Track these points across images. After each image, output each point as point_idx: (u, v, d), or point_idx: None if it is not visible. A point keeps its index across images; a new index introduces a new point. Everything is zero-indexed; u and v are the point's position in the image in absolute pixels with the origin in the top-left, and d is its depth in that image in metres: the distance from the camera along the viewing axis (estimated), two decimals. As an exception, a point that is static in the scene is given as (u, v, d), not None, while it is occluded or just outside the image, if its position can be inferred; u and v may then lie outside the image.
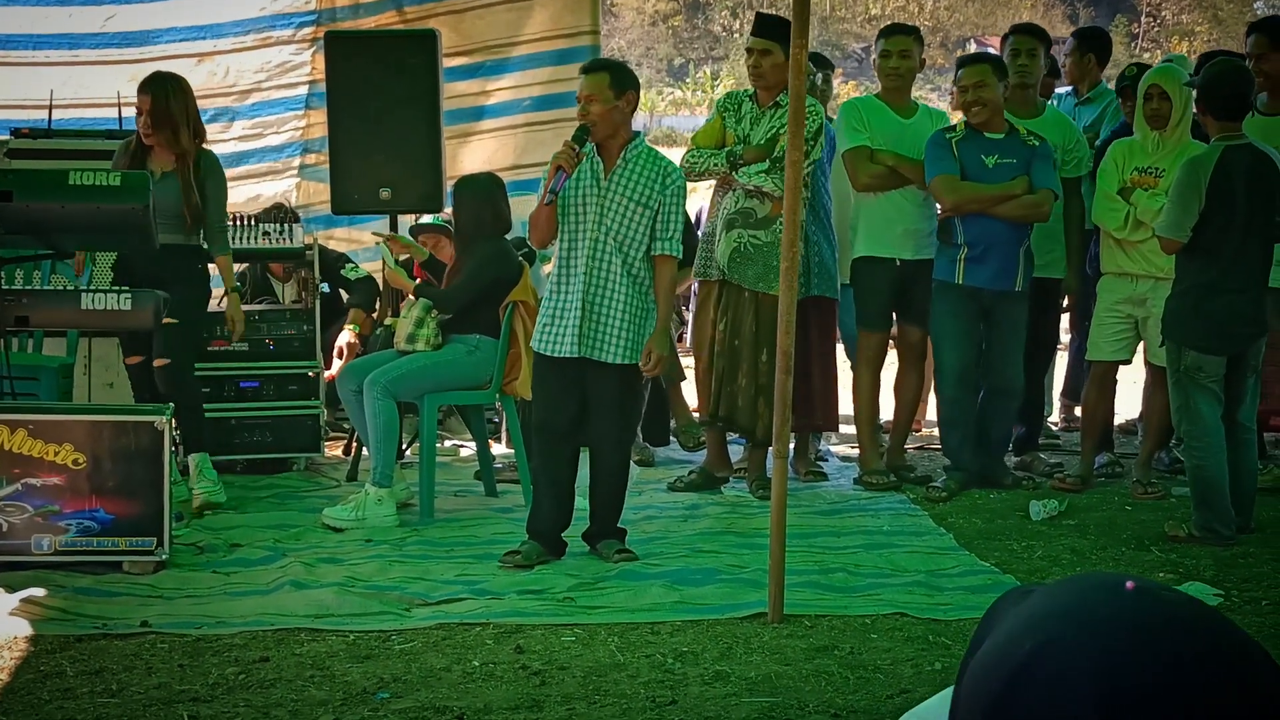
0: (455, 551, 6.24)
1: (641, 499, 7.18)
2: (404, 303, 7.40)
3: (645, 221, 5.96)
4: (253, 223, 8.07)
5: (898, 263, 7.57)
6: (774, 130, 7.10)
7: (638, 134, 6.08)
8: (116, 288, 6.04)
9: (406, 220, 8.50)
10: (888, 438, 8.37)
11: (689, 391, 8.42)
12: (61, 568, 5.70)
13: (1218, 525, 6.36)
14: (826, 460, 8.26)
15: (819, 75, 8.33)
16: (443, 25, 9.12)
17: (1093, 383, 7.71)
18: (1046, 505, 6.92)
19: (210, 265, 7.19)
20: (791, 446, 6.99)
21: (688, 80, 46.94)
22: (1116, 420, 8.36)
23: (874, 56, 7.94)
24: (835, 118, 7.88)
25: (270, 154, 9.87)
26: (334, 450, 8.38)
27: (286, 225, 8.04)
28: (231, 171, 9.56)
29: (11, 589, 5.42)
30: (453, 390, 7.11)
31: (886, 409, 8.24)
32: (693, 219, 8.65)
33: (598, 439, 6.06)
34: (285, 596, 5.47)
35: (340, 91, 8.18)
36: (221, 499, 6.95)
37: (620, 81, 5.97)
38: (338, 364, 8.08)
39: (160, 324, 6.15)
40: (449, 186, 8.05)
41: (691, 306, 8.38)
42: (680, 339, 9.02)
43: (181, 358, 6.94)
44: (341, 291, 8.69)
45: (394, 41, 8.58)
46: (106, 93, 8.57)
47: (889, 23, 8.65)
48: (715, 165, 7.19)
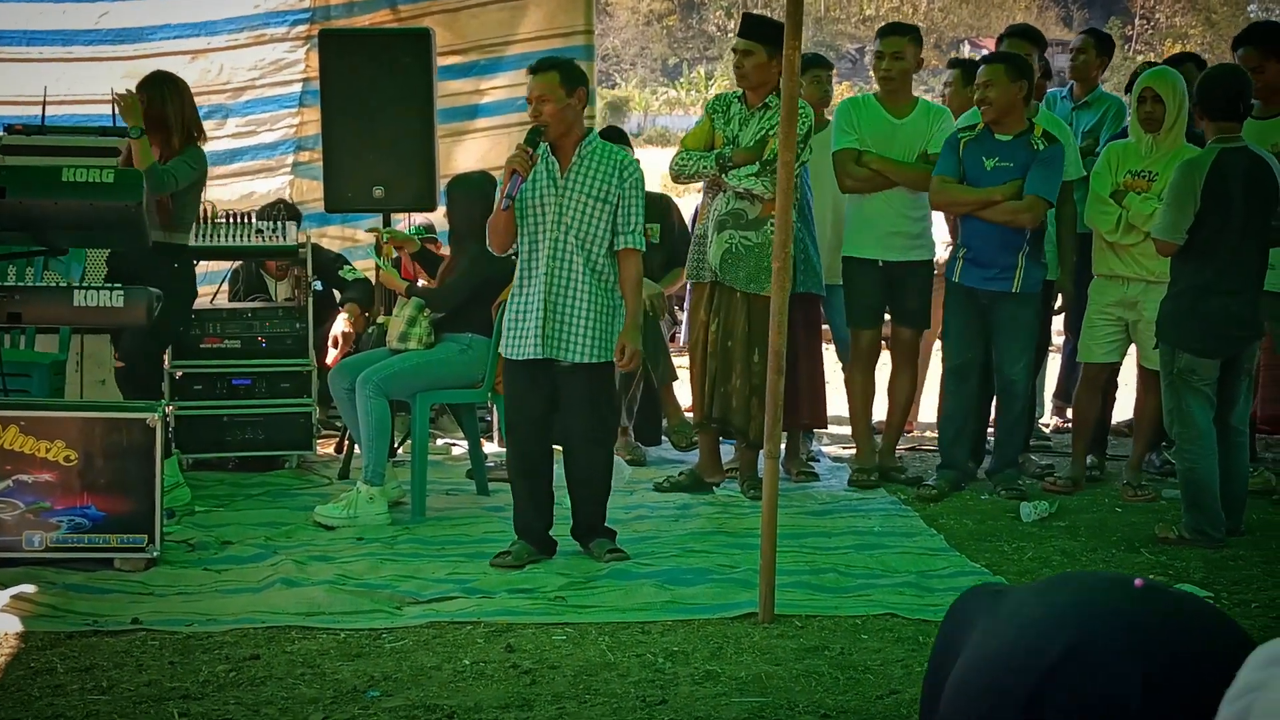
0: (446, 550, 6.24)
1: (633, 498, 7.19)
2: (396, 301, 7.40)
3: (606, 217, 5.92)
4: (247, 220, 8.06)
5: (880, 263, 7.58)
6: (763, 131, 7.10)
7: (590, 130, 6.02)
8: (109, 284, 6.03)
9: (398, 219, 8.50)
10: (880, 438, 8.40)
11: (681, 392, 8.42)
12: (53, 564, 5.70)
13: (1208, 527, 6.37)
14: (818, 461, 8.26)
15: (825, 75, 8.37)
16: (437, 24, 9.12)
17: (1083, 385, 7.73)
18: (1037, 507, 6.93)
19: (197, 264, 7.22)
20: (783, 447, 6.99)
21: (682, 80, 46.93)
22: (1113, 421, 8.37)
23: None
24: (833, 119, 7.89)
25: (264, 151, 9.86)
26: (326, 448, 8.37)
27: (280, 223, 8.03)
28: (225, 169, 9.58)
29: (2, 585, 5.43)
30: (445, 389, 7.11)
31: (881, 409, 8.26)
32: (687, 221, 8.64)
33: (569, 438, 6.03)
34: (276, 594, 5.47)
35: (334, 89, 8.17)
36: (185, 498, 6.91)
37: (570, 79, 5.92)
38: (333, 353, 8.09)
39: (151, 322, 6.15)
40: (442, 185, 8.05)
41: (686, 306, 8.37)
42: (673, 339, 9.02)
43: (144, 363, 6.97)
44: (335, 291, 8.69)
45: (388, 40, 8.58)
46: (100, 89, 8.55)
47: (885, 23, 8.62)
48: (704, 167, 7.18)
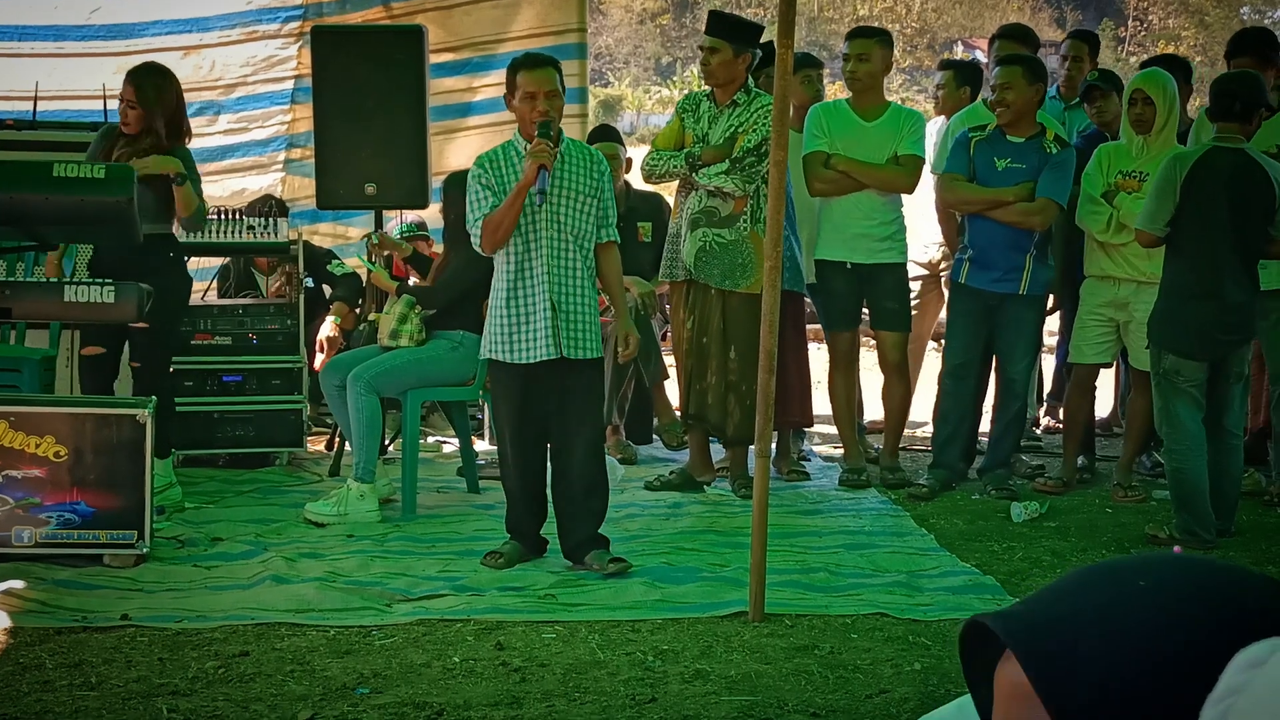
0: (437, 548, 6.24)
1: (624, 497, 7.18)
2: (387, 299, 7.39)
3: (594, 211, 5.89)
4: (238, 216, 8.05)
5: (848, 265, 7.59)
6: (732, 129, 7.09)
7: (560, 128, 6.00)
8: (100, 280, 6.01)
9: (389, 216, 8.49)
10: (870, 438, 8.40)
11: (673, 391, 8.43)
12: (42, 560, 5.70)
13: (1198, 529, 6.38)
14: (809, 460, 8.26)
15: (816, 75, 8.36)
16: (430, 21, 9.11)
17: (1075, 386, 7.74)
18: (1028, 507, 6.93)
19: (188, 260, 7.19)
20: (773, 446, 6.99)
21: (675, 79, 46.90)
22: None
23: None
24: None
25: (255, 148, 9.85)
26: (316, 445, 8.37)
27: (271, 219, 8.03)
28: (216, 165, 9.56)
29: (-9, 581, 5.42)
30: (436, 386, 7.11)
31: (875, 409, 8.27)
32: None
33: (567, 436, 5.92)
34: (266, 591, 5.47)
35: (326, 86, 8.16)
36: (177, 497, 6.90)
37: (562, 76, 5.91)
38: (320, 357, 8.07)
39: (142, 317, 6.13)
40: (435, 183, 8.04)
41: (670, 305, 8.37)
42: (665, 338, 9.02)
43: (157, 361, 6.95)
44: (325, 287, 8.68)
45: (380, 37, 8.57)
46: (92, 85, 8.55)
47: (854, 26, 8.63)
48: (675, 167, 7.18)
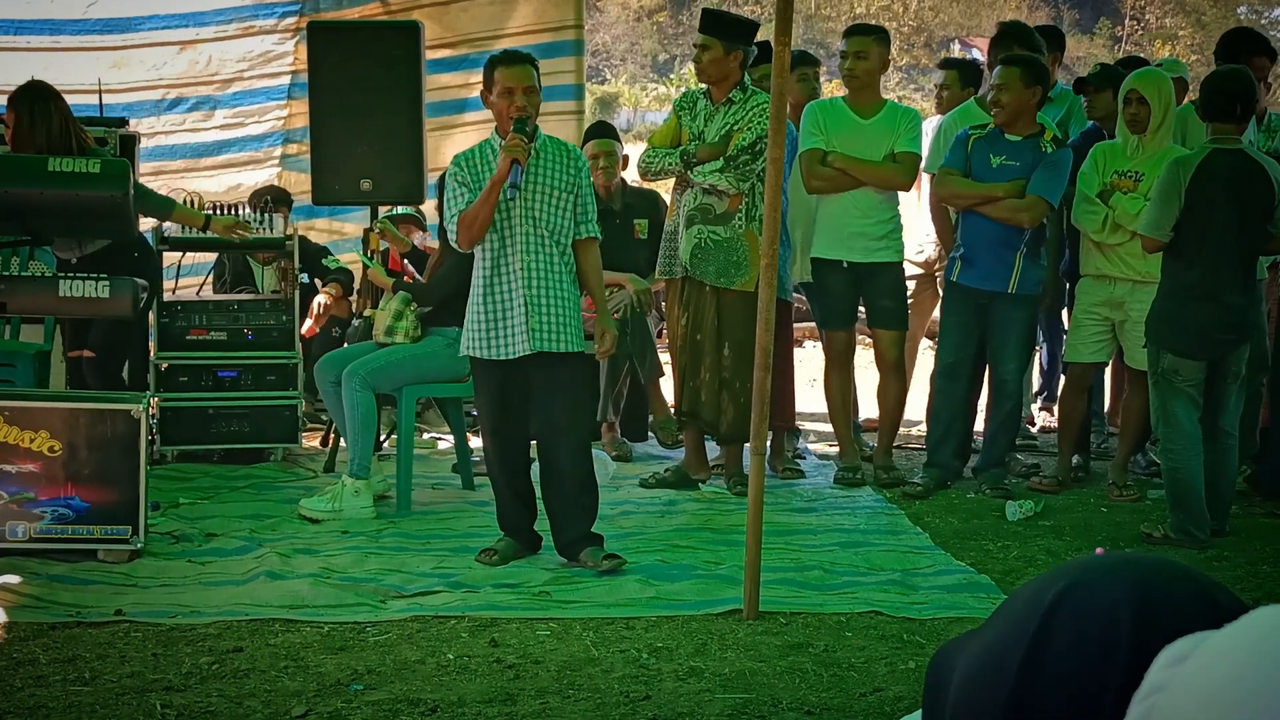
0: (431, 544, 6.24)
1: (619, 494, 7.19)
2: (383, 295, 7.38)
3: (571, 207, 5.88)
4: (234, 211, 8.04)
5: (845, 264, 7.59)
6: (727, 127, 7.09)
7: (536, 125, 5.99)
8: (95, 275, 6.01)
9: (384, 212, 8.48)
10: (866, 437, 8.41)
11: (668, 389, 8.43)
12: (36, 555, 5.69)
13: (1193, 528, 6.38)
14: (804, 458, 8.26)
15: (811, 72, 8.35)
16: (426, 17, 9.11)
17: (1069, 385, 7.75)
18: (1023, 506, 6.94)
19: (183, 256, 7.18)
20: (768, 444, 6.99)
21: (672, 76, 46.88)
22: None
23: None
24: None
25: (251, 143, 9.85)
26: (311, 441, 8.36)
27: (267, 214, 8.02)
28: (212, 160, 9.58)
29: (-15, 576, 5.42)
30: (431, 382, 7.11)
31: (870, 407, 8.27)
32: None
33: (551, 431, 5.92)
34: (260, 587, 5.46)
35: (322, 82, 8.16)
36: None
37: (539, 74, 5.90)
38: (309, 323, 8.09)
39: (137, 312, 6.13)
40: (430, 179, 8.04)
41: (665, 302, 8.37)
42: (660, 335, 9.02)
43: (111, 355, 6.94)
44: (317, 282, 8.69)
45: (377, 32, 8.56)
46: (88, 79, 8.54)
47: (851, 24, 8.62)
48: (670, 164, 7.17)
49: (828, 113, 7.61)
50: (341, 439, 7.34)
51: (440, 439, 8.66)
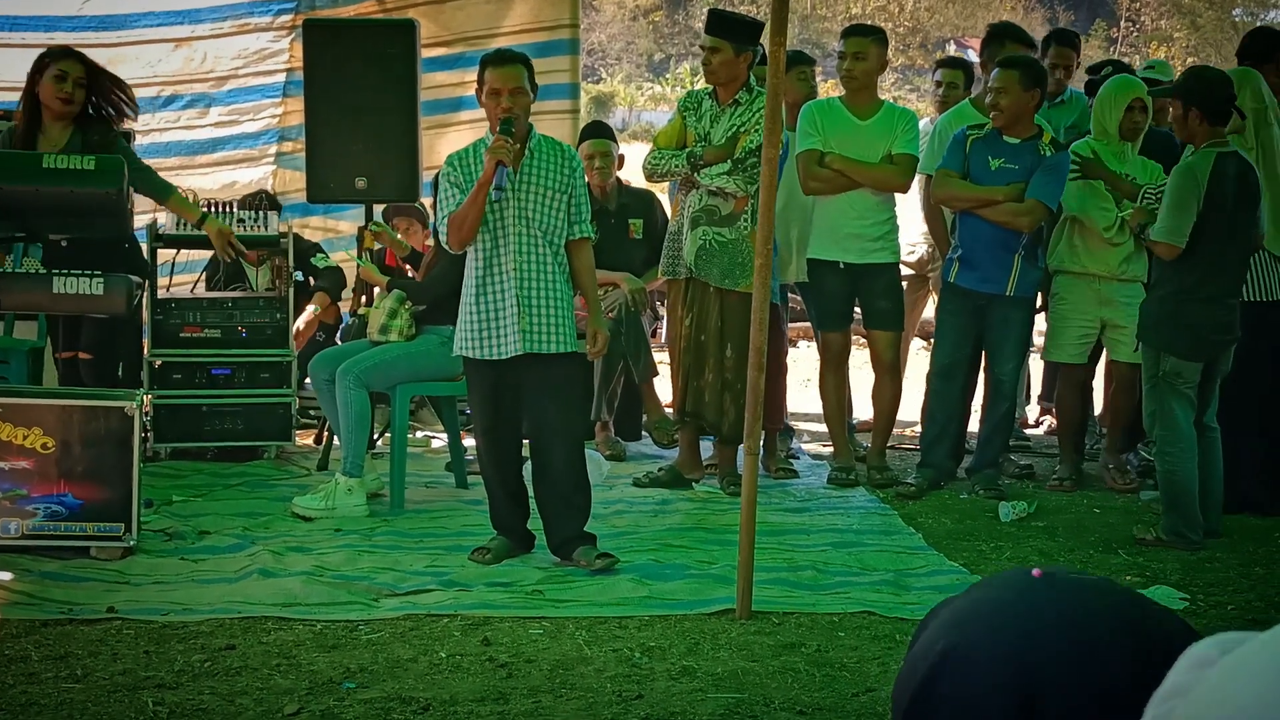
0: (425, 543, 6.23)
1: (612, 493, 7.19)
2: (377, 293, 7.38)
3: (564, 207, 5.88)
4: (228, 209, 8.04)
5: (841, 265, 7.59)
6: (734, 129, 7.09)
7: (530, 124, 6.00)
8: (88, 271, 6.00)
9: (379, 210, 8.48)
10: (859, 437, 8.41)
11: (662, 388, 8.43)
12: (28, 552, 5.69)
13: (1185, 530, 6.39)
14: (798, 458, 8.26)
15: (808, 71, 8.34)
16: (422, 16, 9.11)
17: (1065, 384, 7.77)
18: (1015, 506, 6.95)
19: (178, 254, 7.17)
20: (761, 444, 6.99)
21: (667, 76, 46.91)
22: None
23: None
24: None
25: (246, 141, 9.84)
26: (305, 439, 8.36)
27: (261, 212, 8.01)
28: (207, 158, 9.56)
29: (-22, 572, 5.41)
30: (425, 381, 7.10)
31: (864, 408, 8.28)
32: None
33: (543, 431, 5.94)
34: (253, 585, 5.46)
35: (318, 79, 8.14)
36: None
37: (532, 74, 5.89)
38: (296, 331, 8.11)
39: (131, 309, 6.13)
40: (426, 177, 8.04)
41: (667, 302, 8.36)
42: (654, 334, 9.02)
43: (106, 356, 6.93)
44: (310, 279, 8.68)
45: (372, 31, 8.55)
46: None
47: (849, 24, 8.61)
48: (676, 166, 7.17)
49: (825, 113, 7.60)
50: (335, 437, 7.33)
51: (434, 437, 8.66)
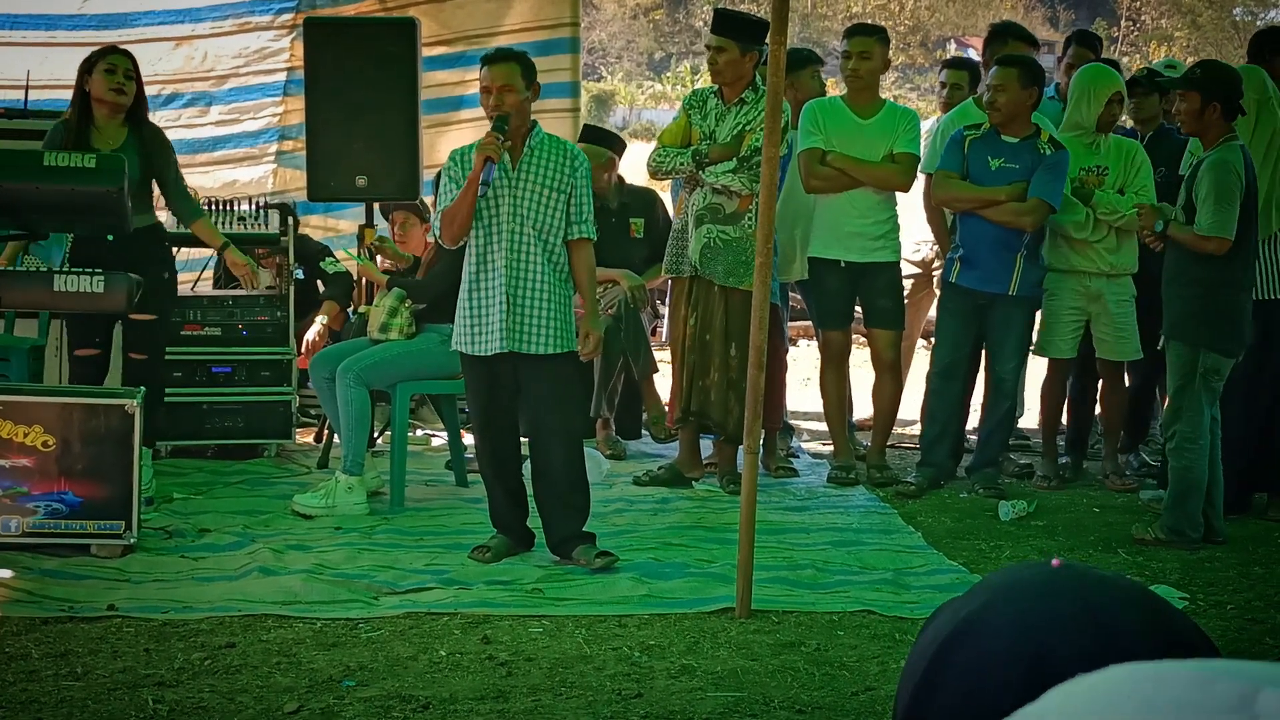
0: (425, 541, 6.24)
1: (612, 492, 7.19)
2: (377, 291, 7.39)
3: (562, 207, 5.87)
4: (230, 207, 8.04)
5: (842, 264, 7.59)
6: (739, 127, 7.09)
7: (534, 122, 6.00)
8: (89, 270, 6.00)
9: (378, 210, 8.48)
10: (860, 436, 8.41)
11: (662, 386, 8.43)
12: (29, 550, 5.69)
13: (1187, 528, 6.38)
14: (798, 457, 8.27)
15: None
16: (423, 14, 9.11)
17: (1052, 379, 7.79)
18: (1015, 506, 6.95)
19: (178, 252, 7.17)
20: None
21: (668, 74, 46.88)
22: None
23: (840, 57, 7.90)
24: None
25: (247, 140, 9.84)
26: (305, 437, 8.36)
27: (262, 210, 8.01)
28: (207, 156, 9.55)
29: (-22, 570, 5.42)
30: (425, 379, 7.11)
31: (865, 407, 8.28)
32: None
33: (539, 431, 5.95)
34: (253, 582, 5.47)
35: (318, 78, 8.15)
36: (150, 492, 6.87)
37: (529, 72, 5.89)
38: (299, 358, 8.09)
39: (132, 308, 6.13)
40: (426, 176, 8.04)
41: (667, 300, 8.36)
42: (654, 332, 9.02)
43: (156, 352, 6.94)
44: (319, 282, 8.67)
45: (373, 29, 8.55)
46: (84, 74, 8.53)
47: (852, 24, 8.62)
48: (681, 164, 7.17)
49: (827, 112, 7.60)
50: (335, 435, 7.34)
51: (434, 435, 8.66)
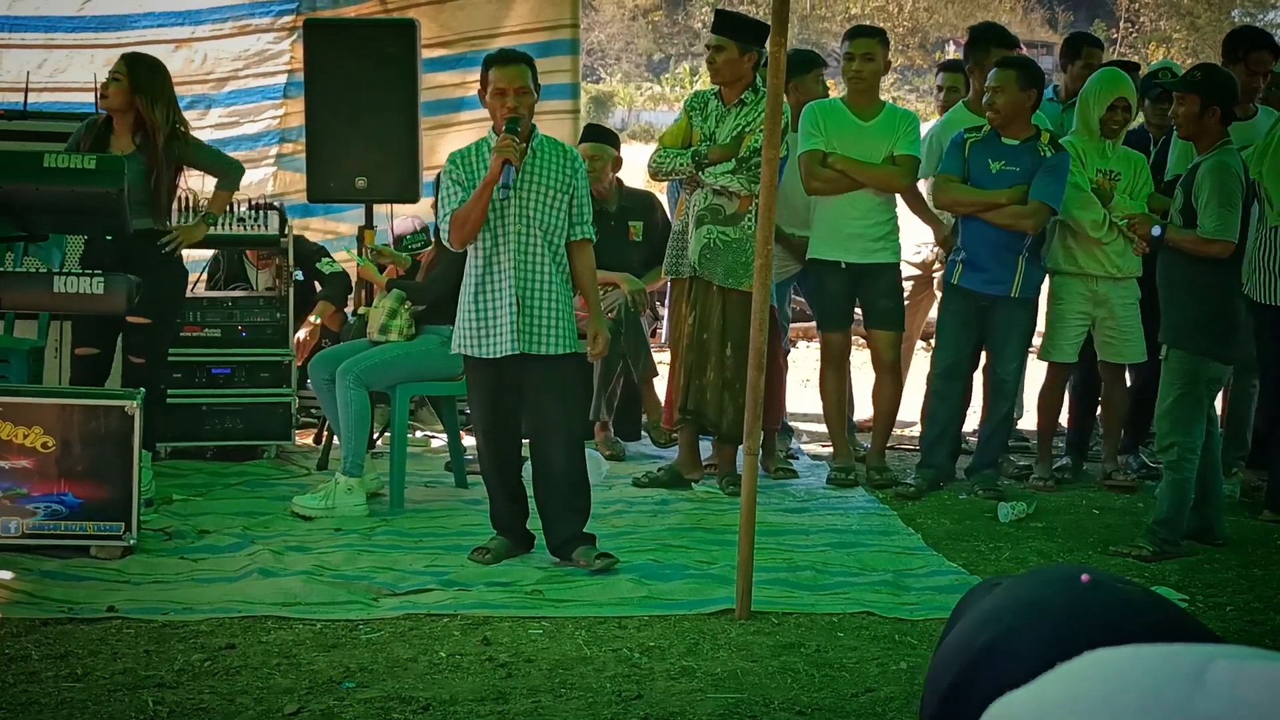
0: (424, 542, 6.24)
1: (611, 493, 7.19)
2: (377, 292, 7.39)
3: (565, 208, 5.88)
4: (228, 209, 8.03)
5: (843, 265, 7.60)
6: (739, 128, 7.10)
7: (533, 124, 6.00)
8: (89, 271, 6.01)
9: (381, 210, 8.48)
10: (860, 437, 8.41)
11: (662, 388, 8.43)
12: (29, 551, 5.69)
13: (1177, 537, 6.31)
14: (797, 458, 8.27)
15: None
16: (423, 16, 9.12)
17: (1052, 382, 7.79)
18: (1015, 507, 6.95)
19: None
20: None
21: (667, 75, 46.89)
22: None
23: (840, 59, 7.90)
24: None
25: (246, 142, 9.83)
26: (304, 438, 8.36)
27: (262, 212, 8.02)
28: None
29: (-22, 572, 5.42)
30: (425, 381, 7.11)
31: (865, 408, 8.29)
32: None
33: (543, 432, 5.95)
34: (253, 584, 5.47)
35: (318, 79, 8.16)
36: (150, 494, 6.87)
37: (535, 75, 5.91)
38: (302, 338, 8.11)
39: (131, 309, 6.13)
40: (426, 177, 8.04)
41: (667, 302, 8.37)
42: (654, 334, 9.03)
43: (156, 355, 6.94)
44: (316, 284, 8.68)
45: (373, 31, 8.56)
46: (83, 76, 8.54)
47: (853, 25, 8.61)
48: (681, 165, 7.18)
49: (827, 114, 7.61)
50: (335, 437, 7.34)
51: (433, 437, 8.66)
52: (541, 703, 4.30)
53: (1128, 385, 7.91)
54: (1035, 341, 7.86)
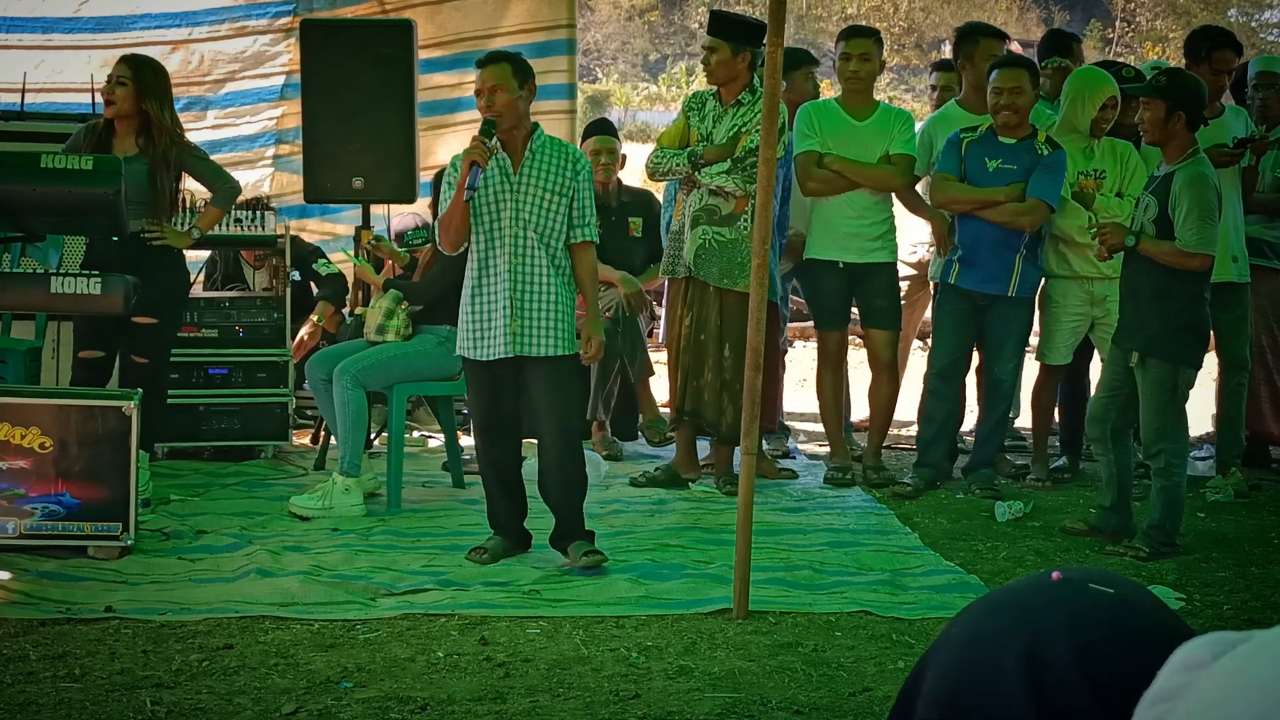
0: (422, 542, 6.24)
1: (609, 493, 7.19)
2: (374, 292, 7.39)
3: (563, 210, 5.87)
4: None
5: (840, 265, 7.60)
6: (735, 129, 7.11)
7: (536, 124, 5.99)
8: (86, 272, 6.00)
9: (378, 211, 8.48)
10: (856, 436, 8.42)
11: (658, 387, 8.43)
12: (26, 551, 5.69)
13: (1175, 537, 6.32)
14: (794, 458, 8.27)
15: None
16: (420, 17, 9.11)
17: (1047, 383, 7.79)
18: (1012, 506, 6.95)
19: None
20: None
21: (663, 75, 46.86)
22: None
23: (835, 59, 7.90)
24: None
25: (243, 143, 9.83)
26: (302, 438, 8.36)
27: (259, 213, 8.02)
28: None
29: (-25, 572, 5.42)
30: (422, 381, 7.11)
31: (862, 407, 8.29)
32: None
33: (540, 433, 5.97)
34: (250, 584, 5.47)
35: (315, 80, 8.16)
36: (148, 494, 6.87)
37: (522, 72, 5.89)
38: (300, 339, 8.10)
39: (129, 310, 6.13)
40: (423, 178, 8.04)
41: (664, 301, 8.37)
42: (651, 334, 9.03)
43: (159, 356, 6.93)
44: (312, 284, 8.67)
45: (369, 31, 8.57)
46: (80, 77, 8.53)
47: (848, 25, 8.60)
48: (677, 165, 7.19)
49: (822, 114, 7.61)
50: (332, 437, 7.34)
51: (431, 437, 8.67)
52: (539, 702, 4.31)
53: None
54: (1032, 341, 7.86)
